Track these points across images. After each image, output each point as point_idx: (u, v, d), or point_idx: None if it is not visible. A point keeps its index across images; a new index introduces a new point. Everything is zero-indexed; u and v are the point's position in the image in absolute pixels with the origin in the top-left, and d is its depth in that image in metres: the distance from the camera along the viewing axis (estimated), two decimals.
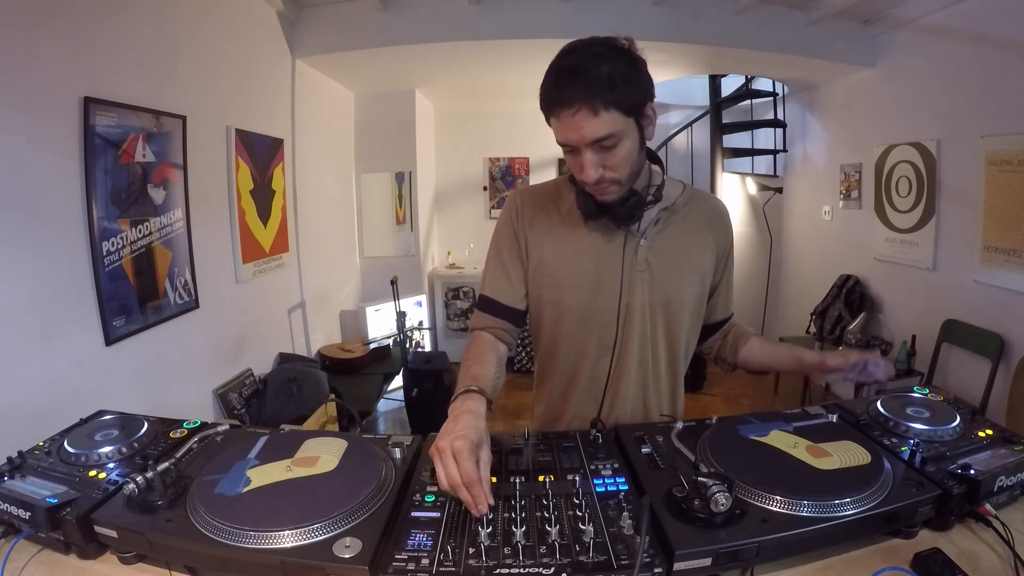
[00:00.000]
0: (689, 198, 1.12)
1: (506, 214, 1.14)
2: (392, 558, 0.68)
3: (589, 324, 1.08)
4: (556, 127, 0.93)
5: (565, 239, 1.08)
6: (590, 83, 0.87)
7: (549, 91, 0.91)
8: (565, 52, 0.91)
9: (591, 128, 0.89)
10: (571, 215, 1.08)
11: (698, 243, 1.11)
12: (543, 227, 1.10)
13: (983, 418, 1.01)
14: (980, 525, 0.80)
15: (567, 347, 1.11)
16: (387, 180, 4.52)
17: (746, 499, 0.77)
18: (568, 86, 0.88)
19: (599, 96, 0.87)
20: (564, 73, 0.89)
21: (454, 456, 0.76)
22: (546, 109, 0.93)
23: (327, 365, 3.50)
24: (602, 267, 1.06)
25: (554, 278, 1.08)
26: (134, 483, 0.75)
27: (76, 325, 1.79)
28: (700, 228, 1.11)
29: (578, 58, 0.89)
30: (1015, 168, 2.67)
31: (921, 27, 3.19)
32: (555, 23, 3.12)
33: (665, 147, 4.99)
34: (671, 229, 1.08)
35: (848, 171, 3.97)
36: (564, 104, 0.89)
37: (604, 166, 0.94)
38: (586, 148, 0.91)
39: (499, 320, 1.11)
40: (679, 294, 1.09)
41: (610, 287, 1.06)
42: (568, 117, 0.89)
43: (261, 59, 2.96)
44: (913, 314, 3.40)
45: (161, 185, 2.16)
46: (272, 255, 3.07)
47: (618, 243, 1.06)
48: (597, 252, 1.06)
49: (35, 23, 1.61)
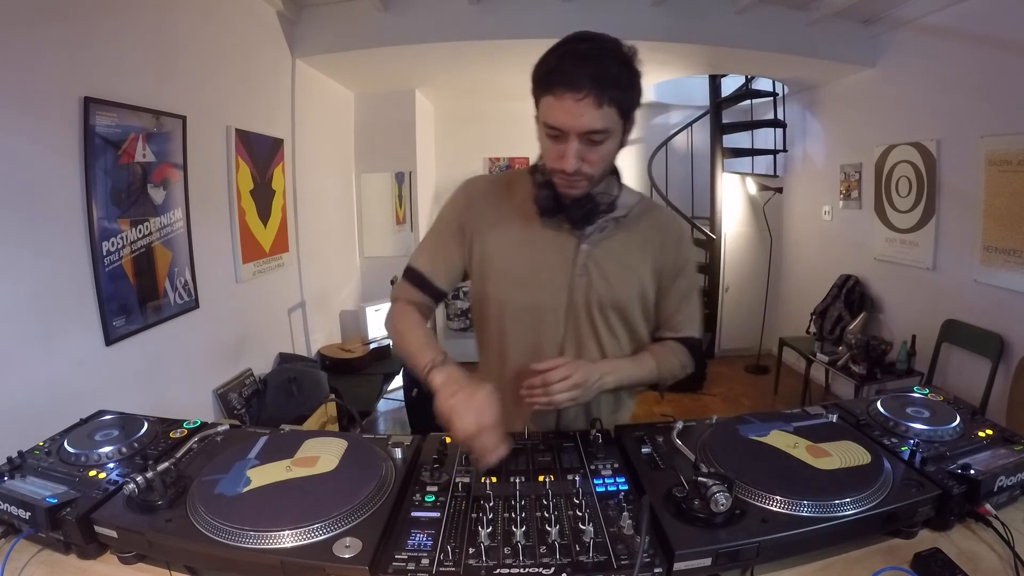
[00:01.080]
0: (643, 211, 1.10)
1: (458, 198, 1.13)
2: (392, 558, 0.68)
3: (532, 322, 1.07)
4: (551, 107, 0.90)
5: (510, 232, 1.07)
6: (603, 74, 0.87)
7: (556, 69, 0.88)
8: (579, 38, 0.90)
9: (591, 118, 0.88)
10: (522, 207, 1.06)
11: (639, 256, 1.08)
12: (491, 218, 1.08)
13: (983, 418, 1.01)
14: (980, 525, 0.80)
15: (511, 345, 1.10)
16: (387, 180, 4.52)
17: (746, 499, 0.77)
18: (581, 70, 0.86)
19: (608, 89, 0.87)
20: (579, 57, 0.87)
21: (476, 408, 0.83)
22: (546, 85, 0.90)
23: (327, 365, 3.50)
24: (544, 264, 1.05)
25: (497, 273, 1.08)
26: (134, 483, 0.75)
27: (76, 325, 1.79)
28: (645, 241, 1.09)
29: (594, 47, 0.88)
30: (1015, 168, 2.67)
31: (921, 27, 3.19)
32: (555, 23, 3.12)
33: (665, 147, 4.99)
34: (614, 239, 1.07)
35: (848, 171, 3.97)
36: (572, 87, 0.86)
37: (584, 159, 0.93)
38: (576, 137, 0.90)
39: (423, 296, 1.12)
40: (618, 299, 1.07)
41: (551, 286, 1.05)
42: (572, 100, 0.87)
43: (261, 59, 2.96)
44: (913, 314, 3.40)
45: (161, 185, 2.16)
46: (272, 255, 3.07)
47: (562, 242, 1.05)
48: (540, 249, 1.05)
49: (35, 23, 1.61)
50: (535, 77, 0.93)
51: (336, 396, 3.10)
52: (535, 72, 0.93)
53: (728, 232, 4.93)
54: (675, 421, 0.98)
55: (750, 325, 4.94)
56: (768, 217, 4.70)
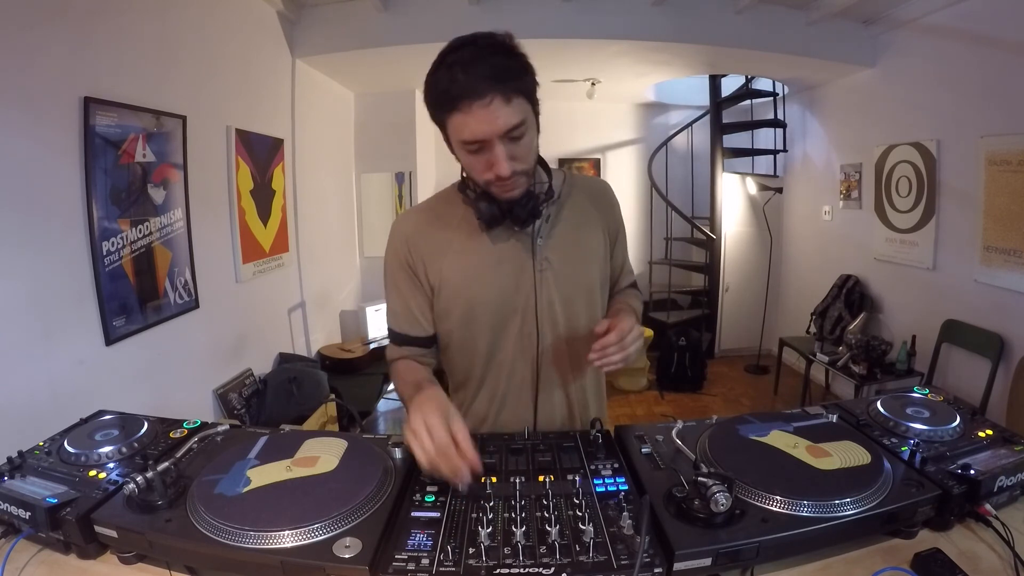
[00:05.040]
0: (571, 186, 1.12)
1: (395, 243, 1.08)
2: (392, 558, 0.68)
3: (507, 332, 1.06)
4: (462, 123, 0.87)
5: (463, 254, 1.04)
6: (497, 72, 0.85)
7: (452, 86, 0.85)
8: (455, 47, 0.87)
9: (506, 117, 0.86)
10: (463, 226, 1.04)
11: (588, 228, 1.11)
12: (437, 247, 1.05)
13: (983, 418, 1.01)
14: (980, 525, 0.80)
15: (485, 357, 1.09)
16: (387, 180, 4.52)
17: (746, 499, 0.77)
18: (476, 76, 0.84)
19: (508, 83, 0.85)
20: (467, 65, 0.84)
21: (428, 430, 0.78)
22: (449, 105, 0.87)
23: (327, 365, 3.50)
24: (506, 272, 1.04)
25: (461, 297, 1.05)
26: (134, 483, 0.75)
27: (76, 325, 1.79)
28: (586, 213, 1.11)
29: (475, 51, 0.86)
30: (1015, 168, 2.67)
31: (921, 27, 3.19)
32: (555, 23, 3.12)
33: (665, 147, 4.99)
34: (560, 223, 1.07)
35: (848, 171, 3.97)
36: (476, 95, 0.84)
37: (514, 158, 0.91)
38: (499, 140, 0.88)
39: (413, 349, 1.11)
40: (586, 281, 1.09)
41: (520, 292, 1.05)
42: (481, 108, 0.84)
43: (261, 59, 2.96)
44: (913, 314, 3.40)
45: (161, 185, 2.16)
46: (272, 255, 3.07)
47: (519, 246, 1.04)
48: (499, 260, 1.04)
49: (35, 23, 1.61)
50: (431, 102, 0.90)
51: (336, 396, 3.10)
52: (429, 97, 0.90)
53: (728, 232, 4.93)
54: (675, 421, 0.98)
55: (750, 325, 4.94)
56: (768, 217, 4.71)
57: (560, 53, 3.50)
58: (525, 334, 1.06)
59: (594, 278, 1.11)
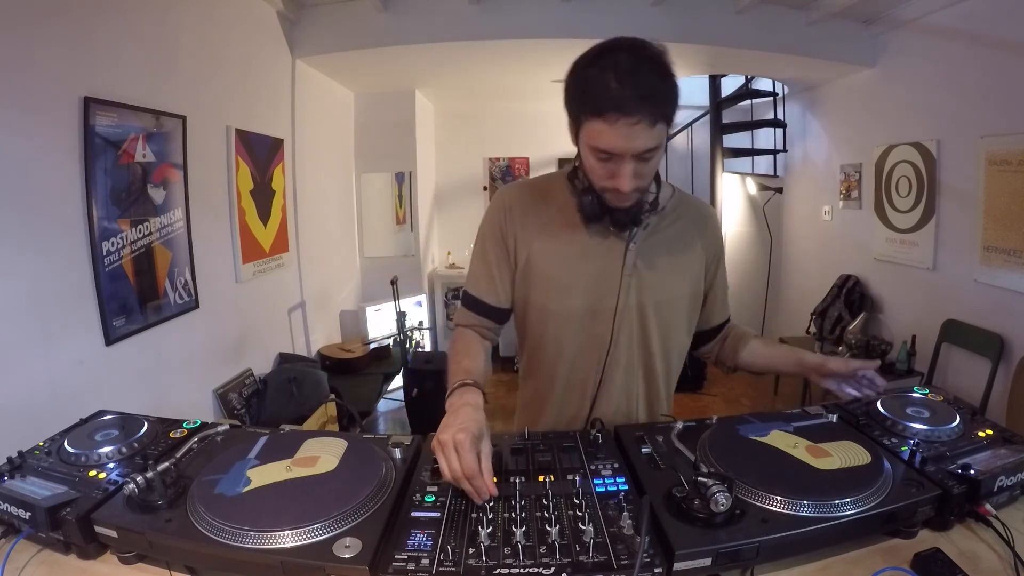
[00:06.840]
0: (678, 203, 1.12)
1: (494, 211, 1.10)
2: (392, 558, 0.68)
3: (577, 328, 1.07)
4: (601, 131, 0.86)
5: (555, 240, 1.06)
6: (654, 95, 0.84)
7: (603, 92, 0.84)
8: (611, 48, 0.86)
9: (645, 139, 0.86)
10: (562, 214, 1.06)
11: (687, 249, 1.10)
12: (534, 226, 1.07)
13: (983, 418, 1.01)
14: (980, 525, 0.80)
15: (552, 349, 1.10)
16: (387, 180, 4.52)
17: (746, 499, 0.77)
18: (630, 92, 0.83)
19: (657, 108, 0.85)
20: (623, 75, 0.83)
21: (456, 449, 0.77)
22: (593, 109, 0.86)
23: (327, 365, 3.50)
24: (593, 271, 1.05)
25: (542, 281, 1.07)
26: (134, 483, 0.75)
27: (76, 325, 1.79)
28: (689, 233, 1.11)
29: (633, 61, 0.85)
30: (1015, 168, 2.67)
31: (921, 27, 3.19)
32: (555, 23, 3.12)
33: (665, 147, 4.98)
34: (660, 234, 1.08)
35: (848, 171, 3.97)
36: (625, 112, 0.83)
37: (637, 175, 0.92)
38: (631, 158, 0.88)
39: (483, 319, 1.12)
40: (670, 295, 1.08)
41: (602, 291, 1.05)
42: (626, 126, 0.84)
43: (261, 59, 2.96)
44: (913, 314, 3.40)
45: (161, 185, 2.16)
46: (272, 255, 3.07)
47: (610, 247, 1.05)
48: (588, 256, 1.05)
49: (34, 22, 1.61)
50: (575, 96, 0.90)
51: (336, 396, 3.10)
52: (574, 90, 0.90)
53: (728, 232, 4.92)
54: (675, 421, 0.98)
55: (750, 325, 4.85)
56: (768, 217, 4.70)
57: (560, 53, 3.49)
58: (597, 334, 1.06)
59: (680, 295, 1.10)
